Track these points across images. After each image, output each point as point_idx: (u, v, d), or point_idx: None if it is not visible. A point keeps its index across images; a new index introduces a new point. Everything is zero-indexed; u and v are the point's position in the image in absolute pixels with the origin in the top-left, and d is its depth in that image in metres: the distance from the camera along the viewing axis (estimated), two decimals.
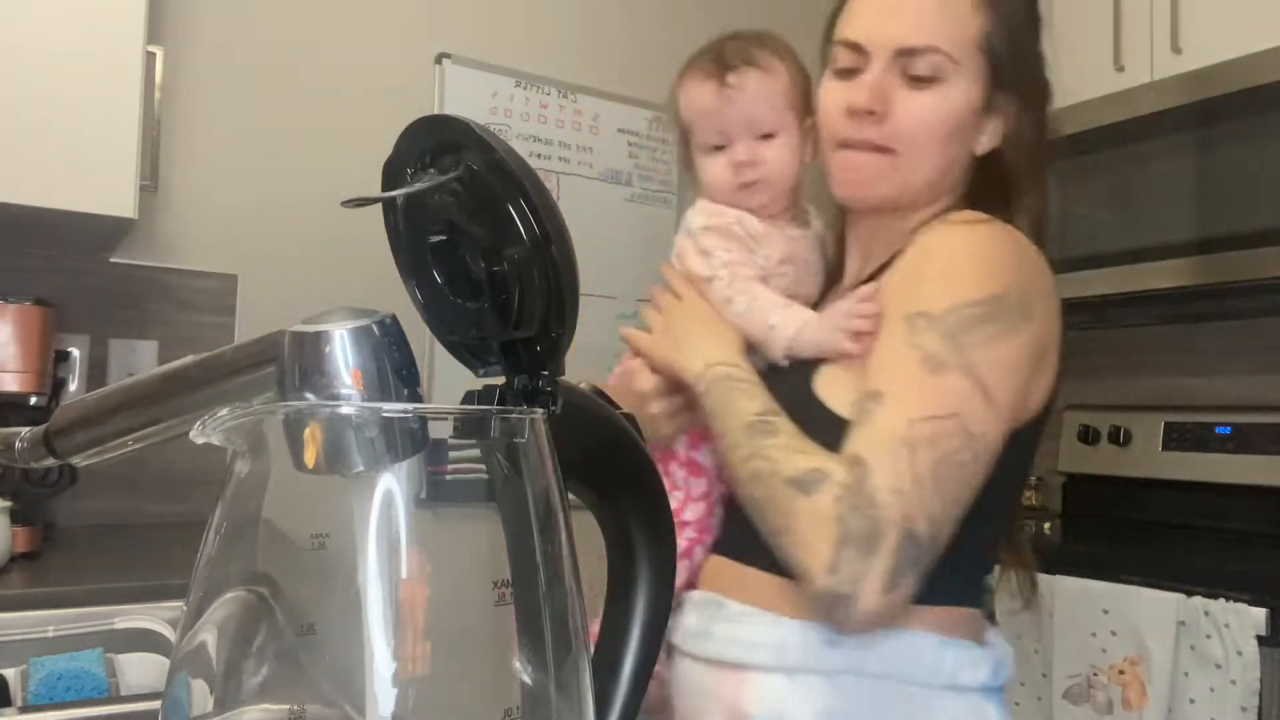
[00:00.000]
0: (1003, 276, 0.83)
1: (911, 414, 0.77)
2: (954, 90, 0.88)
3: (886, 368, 0.82)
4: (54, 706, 0.99)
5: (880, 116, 0.88)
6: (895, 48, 0.88)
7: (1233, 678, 1.46)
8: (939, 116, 0.88)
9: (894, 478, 0.75)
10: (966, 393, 0.78)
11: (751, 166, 0.98)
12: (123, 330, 1.95)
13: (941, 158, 0.90)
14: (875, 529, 0.74)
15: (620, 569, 0.43)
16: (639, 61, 2.57)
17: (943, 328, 0.79)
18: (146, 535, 1.80)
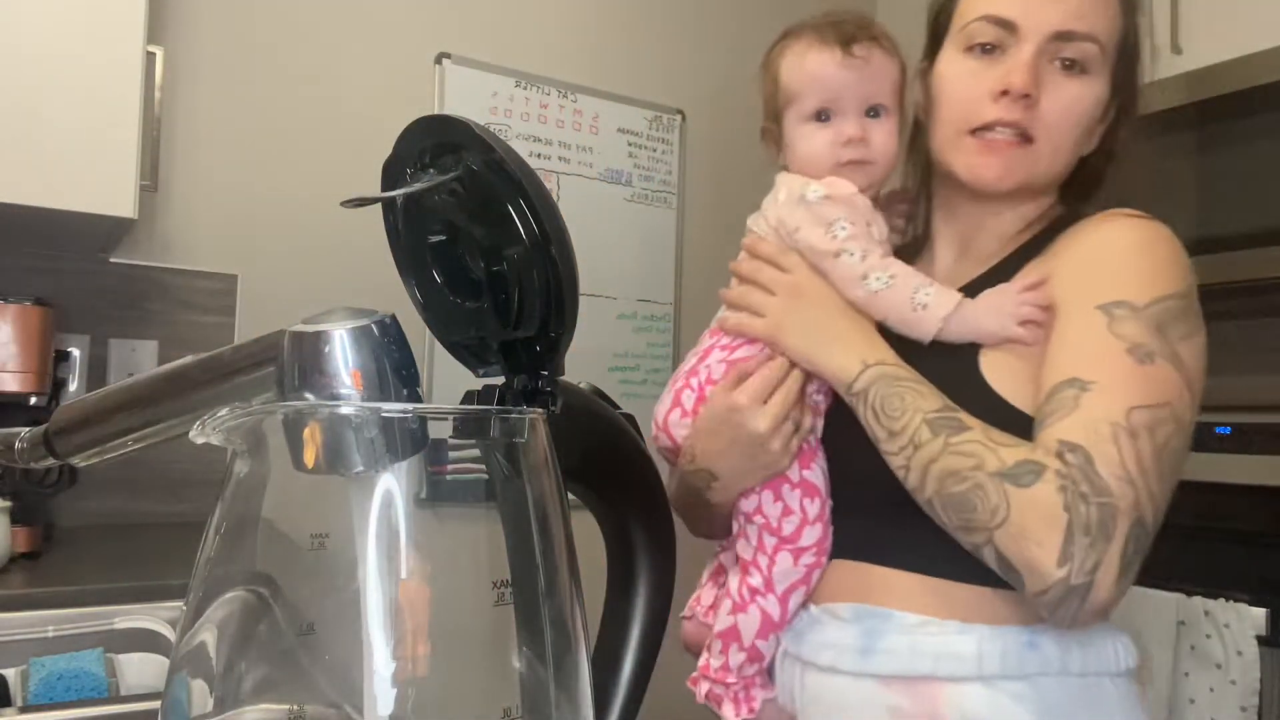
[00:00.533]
0: (1186, 271, 0.82)
1: (1129, 402, 0.75)
2: (1096, 83, 0.86)
3: (1089, 356, 0.78)
4: (54, 706, 0.99)
5: (1034, 101, 0.84)
6: (1053, 30, 0.84)
7: (1233, 678, 1.46)
8: (1083, 107, 0.86)
9: (1120, 465, 0.73)
10: (1176, 383, 0.77)
11: (862, 143, 0.91)
12: (123, 330, 1.95)
13: (1073, 151, 0.88)
14: (1108, 516, 0.72)
15: (620, 569, 0.43)
16: (639, 61, 2.57)
17: (1147, 318, 0.78)
18: (146, 535, 1.80)
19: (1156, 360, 0.76)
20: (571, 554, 0.37)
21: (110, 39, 1.59)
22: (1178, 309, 0.79)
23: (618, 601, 0.43)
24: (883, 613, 0.84)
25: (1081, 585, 0.72)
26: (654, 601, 0.43)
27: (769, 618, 0.88)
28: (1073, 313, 0.81)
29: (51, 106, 1.54)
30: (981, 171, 0.87)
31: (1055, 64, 0.85)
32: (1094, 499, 0.72)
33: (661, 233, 2.59)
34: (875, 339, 0.86)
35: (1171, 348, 0.77)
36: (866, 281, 0.86)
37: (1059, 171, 0.89)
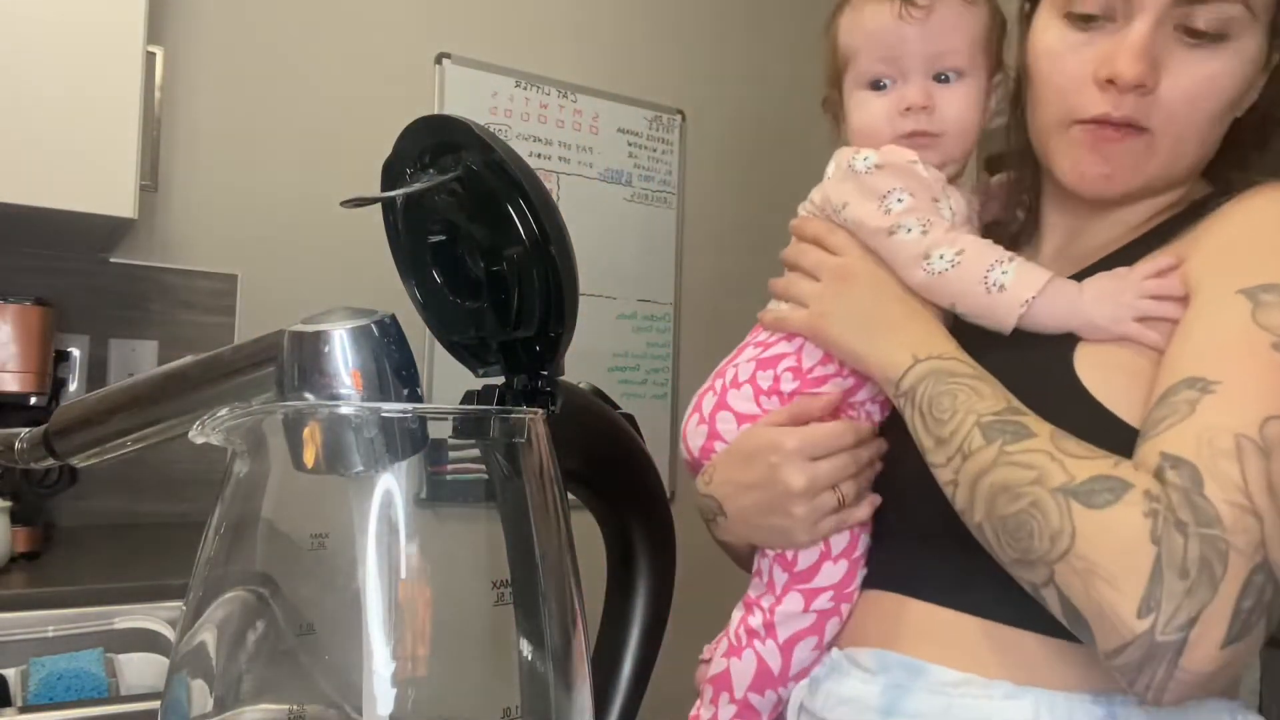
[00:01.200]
0: None
1: (1266, 410, 0.57)
2: (1240, 50, 0.66)
3: (1220, 350, 0.60)
4: (54, 706, 0.99)
5: (1148, 89, 0.66)
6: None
7: None
8: (1221, 88, 0.67)
9: (1241, 490, 0.55)
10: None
11: (925, 113, 0.76)
12: (123, 330, 1.95)
13: (1210, 137, 0.70)
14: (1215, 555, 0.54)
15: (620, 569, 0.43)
16: (639, 61, 2.57)
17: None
18: (146, 535, 1.80)
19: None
20: (571, 554, 0.37)
21: (110, 39, 1.59)
22: None
23: (618, 602, 0.43)
24: (914, 664, 0.67)
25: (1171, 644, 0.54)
26: (654, 602, 0.43)
27: (766, 668, 0.74)
28: (1206, 299, 0.63)
29: (51, 106, 1.54)
30: (1085, 171, 0.71)
31: (1181, 34, 0.66)
32: (1196, 530, 0.54)
33: (661, 233, 2.59)
34: (935, 329, 0.71)
35: None
36: (929, 261, 0.71)
37: (1188, 165, 0.71)
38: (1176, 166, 0.70)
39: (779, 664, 0.74)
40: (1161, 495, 0.56)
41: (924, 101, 0.75)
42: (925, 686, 0.66)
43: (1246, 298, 0.61)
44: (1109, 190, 0.71)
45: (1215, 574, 0.54)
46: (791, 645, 0.74)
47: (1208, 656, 0.54)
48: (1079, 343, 0.67)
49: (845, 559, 0.73)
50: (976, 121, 0.77)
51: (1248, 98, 0.70)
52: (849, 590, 0.74)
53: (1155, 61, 0.66)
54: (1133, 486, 0.57)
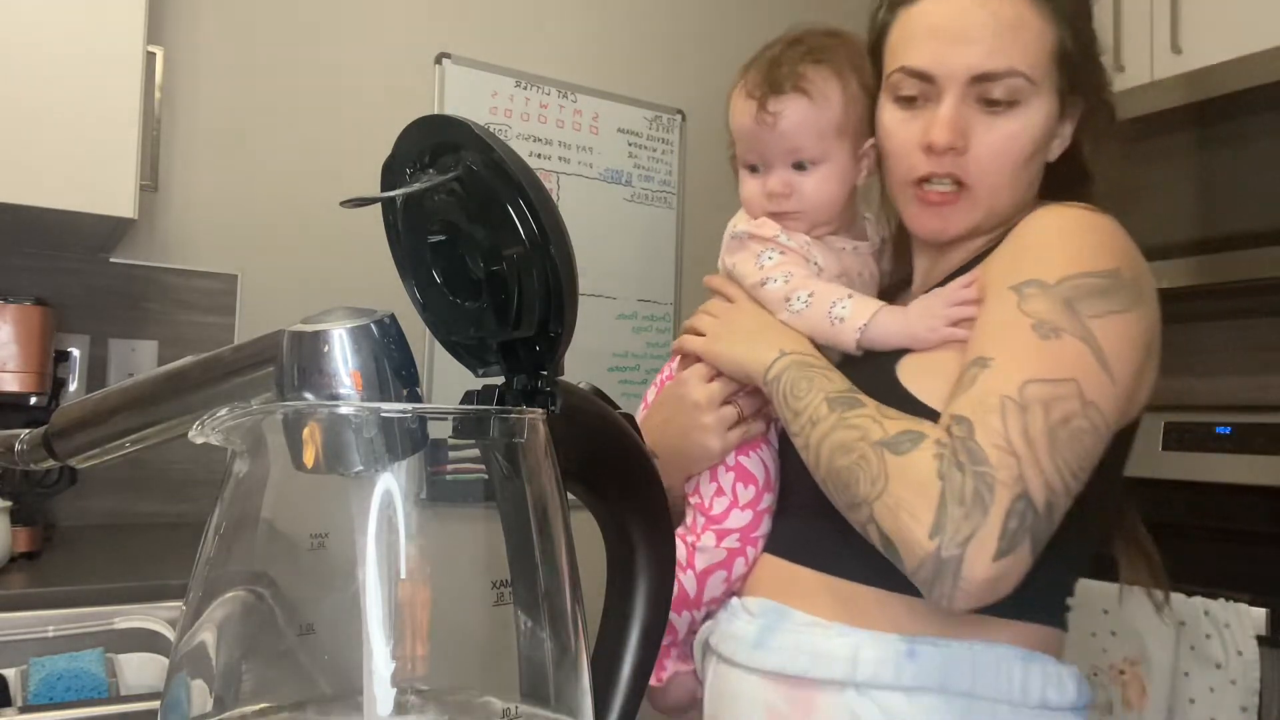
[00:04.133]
0: (1116, 254, 0.78)
1: (1024, 375, 0.71)
2: (1033, 111, 0.83)
3: (993, 335, 0.76)
4: (54, 706, 0.99)
5: (961, 151, 0.83)
6: (969, 75, 0.82)
7: (1233, 678, 1.46)
8: (1020, 143, 0.83)
9: (1002, 436, 0.69)
10: (1084, 359, 0.72)
11: (785, 197, 0.93)
12: (123, 330, 1.95)
13: (1020, 181, 0.85)
14: (984, 487, 0.68)
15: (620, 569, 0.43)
16: (639, 61, 2.57)
17: (1057, 294, 0.74)
18: (146, 535, 1.80)
19: (1063, 336, 0.73)
20: (571, 554, 0.37)
21: (110, 39, 1.59)
22: (1095, 286, 0.75)
23: (617, 601, 0.43)
24: (783, 609, 0.84)
25: (953, 559, 0.68)
26: (654, 602, 0.43)
27: (684, 593, 0.91)
28: (989, 298, 0.80)
29: (51, 106, 1.54)
30: (923, 223, 0.88)
31: (982, 105, 0.83)
32: (971, 467, 0.69)
33: (661, 233, 2.59)
34: (799, 337, 0.87)
35: (1082, 324, 0.73)
36: (790, 303, 0.90)
37: (1008, 205, 0.86)
38: (998, 208, 0.86)
39: (695, 590, 0.91)
40: (947, 443, 0.71)
41: (783, 190, 0.93)
42: (788, 626, 0.83)
43: (1014, 292, 0.77)
44: (944, 236, 0.88)
45: (985, 502, 0.68)
46: (705, 576, 0.91)
47: (983, 568, 0.68)
48: (904, 355, 0.84)
49: (751, 509, 0.91)
50: (836, 193, 0.93)
51: (1054, 146, 0.87)
52: (754, 536, 0.91)
53: (963, 129, 0.83)
54: (926, 436, 0.72)
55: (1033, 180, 0.87)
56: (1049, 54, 0.83)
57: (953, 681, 0.76)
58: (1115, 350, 0.74)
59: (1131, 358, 0.76)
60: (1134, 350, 0.76)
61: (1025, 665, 0.78)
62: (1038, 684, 0.77)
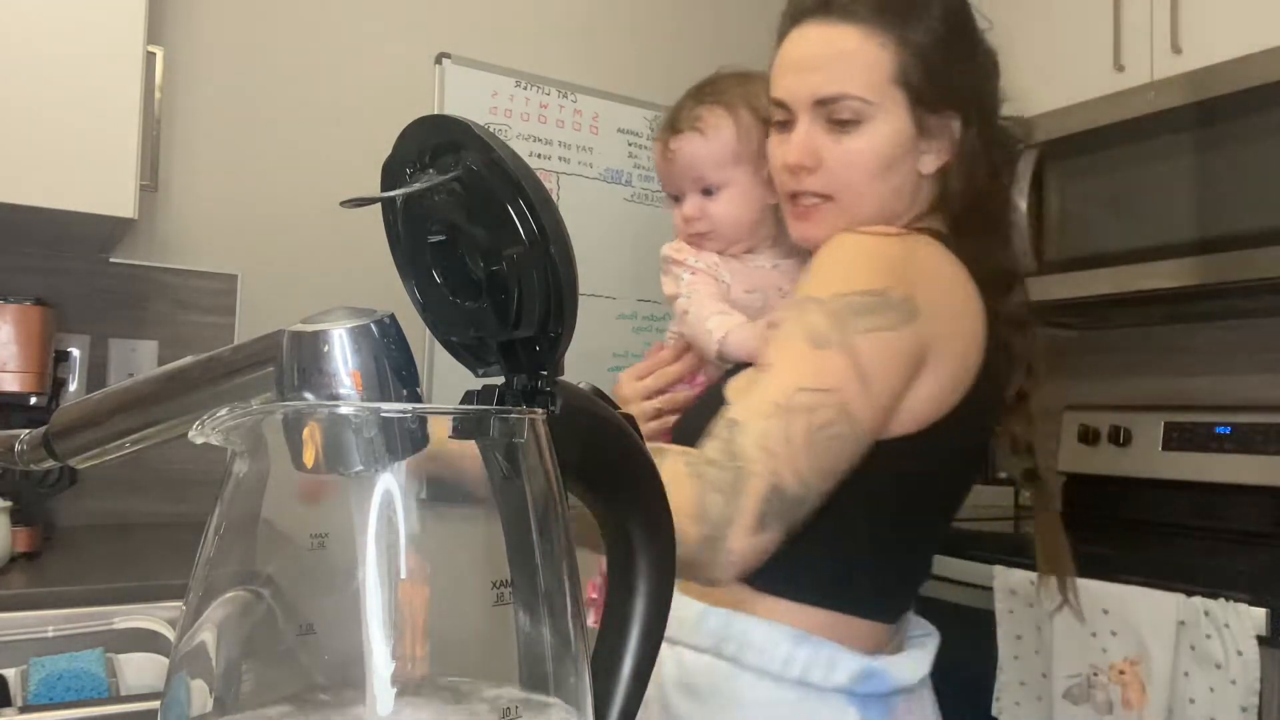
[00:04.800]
0: (888, 275, 0.85)
1: (793, 383, 0.80)
2: (877, 127, 0.92)
3: (776, 344, 0.85)
4: (54, 706, 0.99)
5: (813, 168, 0.93)
6: (812, 99, 0.93)
7: (1233, 678, 1.46)
8: (865, 157, 0.92)
9: (763, 437, 0.78)
10: (846, 371, 0.80)
11: (698, 220, 1.08)
12: (123, 330, 1.95)
13: (880, 190, 0.94)
14: (738, 478, 0.77)
15: (619, 569, 0.43)
16: (639, 61, 2.57)
17: (828, 309, 0.82)
18: (146, 535, 1.80)
19: (830, 347, 0.81)
20: (571, 554, 0.37)
21: (110, 39, 1.59)
22: (865, 304, 0.82)
23: (617, 602, 0.43)
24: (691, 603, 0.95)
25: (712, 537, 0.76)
26: (654, 602, 0.43)
27: None
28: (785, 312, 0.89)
29: (51, 106, 1.54)
30: (798, 232, 0.98)
31: (831, 125, 0.93)
32: (728, 464, 0.77)
33: (662, 233, 2.58)
34: None
35: (848, 338, 0.81)
36: (687, 315, 1.06)
37: (879, 207, 0.94)
38: (864, 215, 0.93)
39: None
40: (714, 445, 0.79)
41: (695, 214, 1.09)
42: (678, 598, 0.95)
43: (796, 306, 0.86)
44: (815, 242, 0.95)
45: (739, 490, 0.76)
46: None
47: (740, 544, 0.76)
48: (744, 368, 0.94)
49: None
50: (743, 214, 1.08)
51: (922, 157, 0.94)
52: None
53: (814, 149, 0.93)
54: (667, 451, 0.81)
55: (897, 192, 0.94)
56: (887, 77, 0.92)
57: (724, 647, 0.87)
58: (875, 365, 0.81)
59: (892, 372, 0.83)
60: (896, 365, 0.83)
61: (794, 645, 0.86)
62: (800, 663, 0.86)
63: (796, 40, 0.96)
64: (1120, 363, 2.39)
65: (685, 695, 0.90)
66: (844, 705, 0.86)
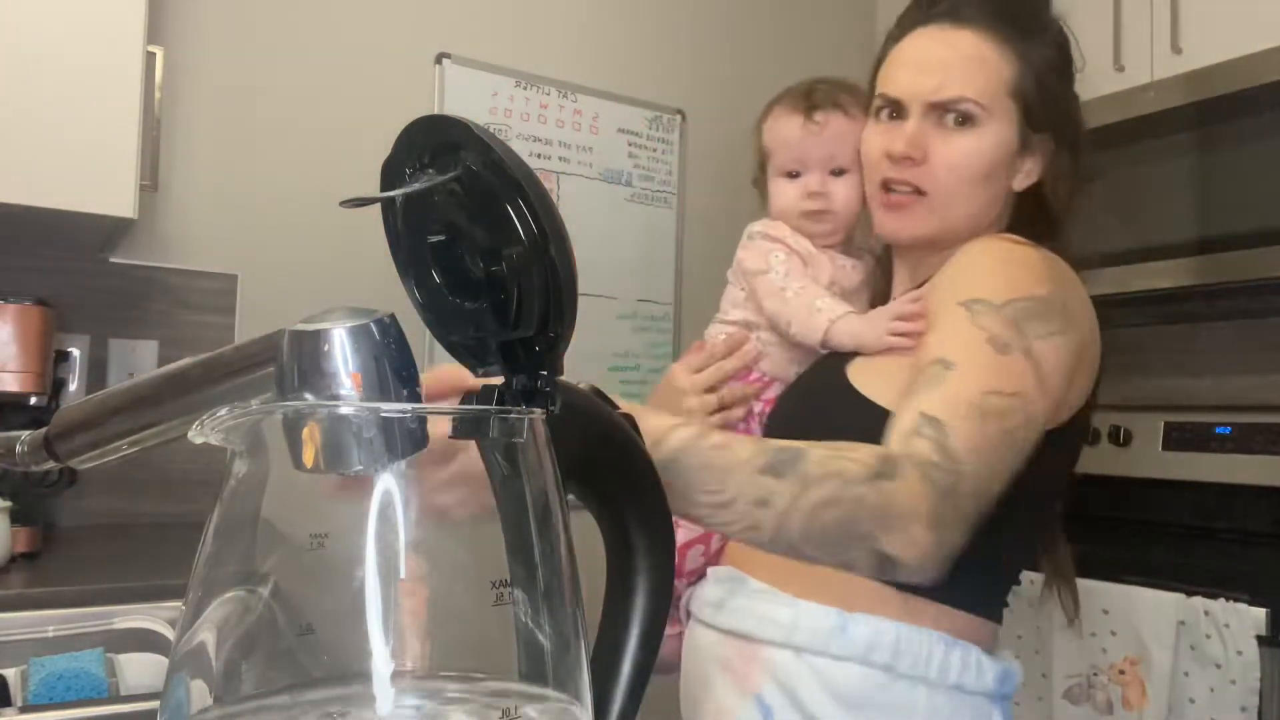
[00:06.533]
0: (1049, 282, 0.88)
1: (984, 385, 0.80)
2: (987, 133, 0.94)
3: (952, 341, 0.85)
4: (54, 706, 0.99)
5: (918, 161, 0.95)
6: (927, 102, 0.95)
7: (1233, 678, 1.46)
8: (971, 159, 0.94)
9: (969, 438, 0.77)
10: (1029, 376, 0.82)
11: (822, 197, 1.09)
12: (123, 330, 1.95)
13: (977, 196, 0.96)
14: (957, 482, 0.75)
15: (619, 569, 0.43)
16: (639, 61, 2.57)
17: (1004, 314, 0.84)
18: (146, 535, 1.80)
19: (1013, 352, 0.82)
20: (570, 554, 0.37)
21: (110, 39, 1.59)
22: (1035, 309, 0.84)
23: (617, 602, 0.43)
24: (742, 577, 0.95)
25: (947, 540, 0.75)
26: (653, 602, 0.43)
27: None
28: (939, 312, 0.90)
29: (51, 106, 1.54)
30: (884, 224, 1.00)
31: (944, 122, 0.95)
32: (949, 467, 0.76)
33: (661, 233, 2.59)
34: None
35: (1027, 343, 0.83)
36: (785, 292, 1.05)
37: (970, 214, 0.97)
38: (953, 219, 0.96)
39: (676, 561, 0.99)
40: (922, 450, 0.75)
41: (821, 189, 1.09)
42: (744, 591, 0.94)
43: (964, 308, 0.85)
44: (900, 238, 1.00)
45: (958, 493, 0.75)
46: (685, 550, 1.02)
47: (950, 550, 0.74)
48: (854, 358, 0.96)
49: None
50: (859, 201, 1.08)
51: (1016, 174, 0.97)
52: None
53: (922, 143, 0.95)
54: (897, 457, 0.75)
55: (991, 201, 0.97)
56: (1004, 88, 0.95)
57: (875, 655, 0.86)
58: (1052, 369, 0.84)
59: (1062, 373, 0.85)
60: (1064, 367, 0.86)
61: (947, 649, 0.87)
62: (955, 668, 0.86)
63: (919, 39, 0.99)
64: (1120, 363, 2.38)
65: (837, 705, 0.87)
66: (988, 706, 0.89)
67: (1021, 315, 0.84)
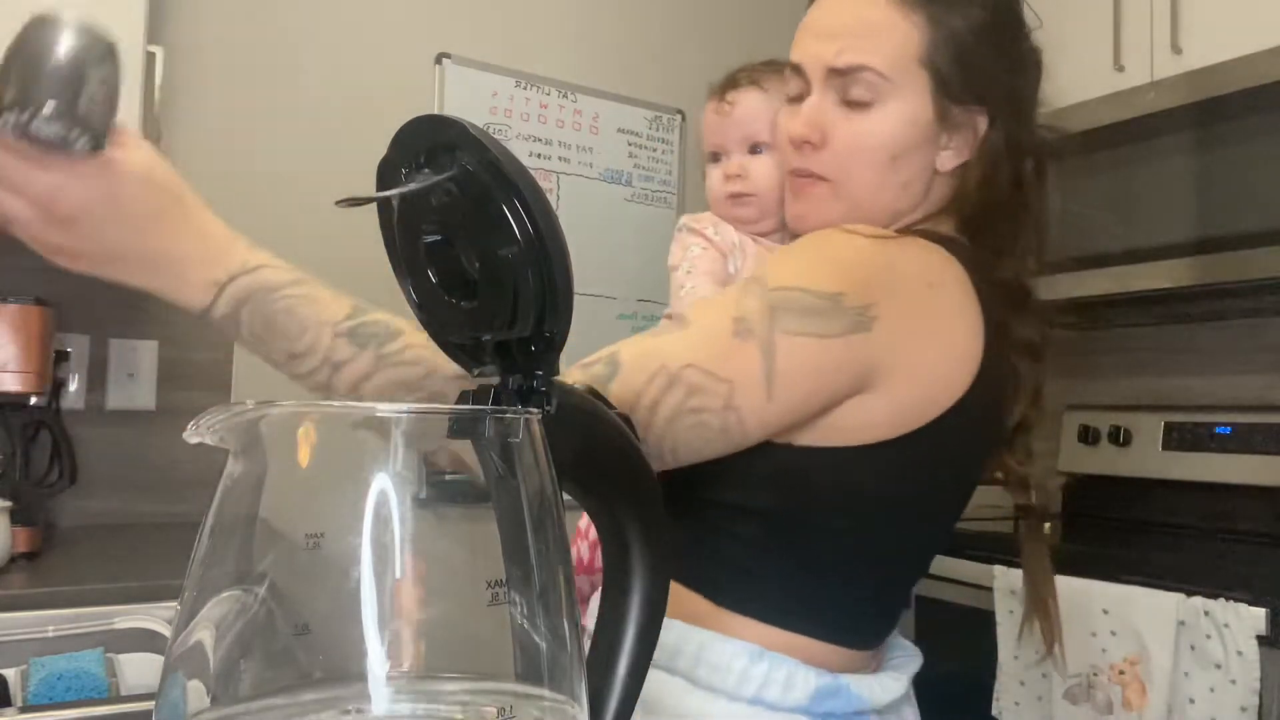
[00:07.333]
0: (850, 281, 0.76)
1: (694, 358, 0.72)
2: (892, 109, 0.84)
3: (707, 309, 0.78)
4: (54, 706, 0.99)
5: (818, 145, 0.86)
6: (827, 68, 0.85)
7: (1233, 678, 1.46)
8: (878, 140, 0.84)
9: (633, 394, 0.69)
10: (754, 368, 0.72)
11: (740, 178, 1.06)
12: (123, 330, 1.95)
13: (886, 180, 0.86)
14: None
15: (615, 568, 0.43)
16: (639, 61, 2.57)
17: (767, 299, 0.74)
18: (146, 535, 1.80)
19: (749, 340, 0.73)
20: (566, 554, 0.37)
21: None
22: (801, 303, 0.74)
23: (613, 602, 0.43)
24: None
25: None
26: (649, 602, 0.43)
27: (580, 559, 1.04)
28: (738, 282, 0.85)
29: None
30: (793, 212, 0.91)
31: (842, 104, 0.85)
32: None
33: (661, 233, 2.58)
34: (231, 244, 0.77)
35: (771, 335, 0.73)
36: (681, 289, 1.05)
37: (883, 200, 0.86)
38: (862, 206, 0.86)
39: (588, 557, 1.03)
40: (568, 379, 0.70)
41: (739, 171, 1.07)
42: None
43: (744, 284, 0.78)
44: (804, 226, 0.89)
45: None
46: (595, 546, 1.00)
47: None
48: None
49: None
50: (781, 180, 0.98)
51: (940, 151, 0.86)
52: None
53: (822, 124, 0.86)
54: None
55: (905, 185, 0.86)
56: (913, 57, 0.84)
57: (678, 663, 0.81)
58: (790, 368, 0.73)
59: (805, 384, 0.75)
60: (811, 377, 0.75)
61: (751, 662, 0.80)
62: (756, 682, 0.79)
63: (827, 2, 0.89)
64: (1120, 363, 2.38)
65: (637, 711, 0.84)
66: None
67: (782, 305, 0.74)
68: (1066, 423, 2.36)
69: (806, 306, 0.74)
